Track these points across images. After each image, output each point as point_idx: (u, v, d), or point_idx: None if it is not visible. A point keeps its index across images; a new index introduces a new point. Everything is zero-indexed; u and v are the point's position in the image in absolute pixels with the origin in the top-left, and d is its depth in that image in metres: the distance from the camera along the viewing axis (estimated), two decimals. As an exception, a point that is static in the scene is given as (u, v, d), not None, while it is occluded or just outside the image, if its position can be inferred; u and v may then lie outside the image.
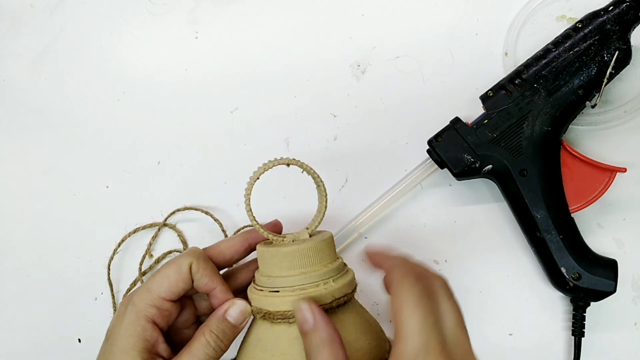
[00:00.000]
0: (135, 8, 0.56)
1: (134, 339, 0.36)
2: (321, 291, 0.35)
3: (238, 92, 0.53)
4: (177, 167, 0.53)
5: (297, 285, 0.36)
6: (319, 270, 0.36)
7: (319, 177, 0.40)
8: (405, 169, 0.49)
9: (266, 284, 0.37)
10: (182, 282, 0.38)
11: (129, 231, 0.52)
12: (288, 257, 0.37)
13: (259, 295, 0.37)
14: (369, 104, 0.51)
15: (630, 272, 0.46)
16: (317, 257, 0.37)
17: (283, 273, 0.36)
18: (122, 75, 0.55)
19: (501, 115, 0.44)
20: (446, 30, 0.51)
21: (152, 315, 0.37)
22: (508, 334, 0.46)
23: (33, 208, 0.55)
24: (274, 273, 0.37)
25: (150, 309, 0.37)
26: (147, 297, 0.37)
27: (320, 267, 0.37)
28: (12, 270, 0.55)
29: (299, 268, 0.36)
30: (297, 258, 0.36)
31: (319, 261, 0.37)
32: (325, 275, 0.36)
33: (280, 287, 0.36)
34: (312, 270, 0.36)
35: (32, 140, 0.56)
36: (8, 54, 0.58)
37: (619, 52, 0.43)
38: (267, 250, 0.37)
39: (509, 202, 0.45)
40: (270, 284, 0.37)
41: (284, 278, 0.36)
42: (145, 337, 0.36)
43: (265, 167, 0.38)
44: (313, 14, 0.53)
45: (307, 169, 0.40)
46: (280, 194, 0.51)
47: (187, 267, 0.38)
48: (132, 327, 0.36)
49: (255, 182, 0.38)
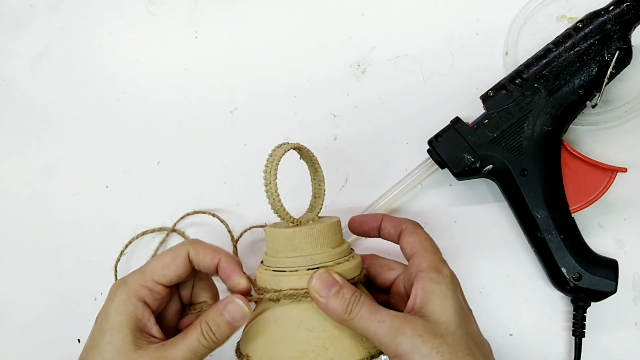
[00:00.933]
0: (135, 8, 0.56)
1: (126, 317, 0.36)
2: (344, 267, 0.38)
3: (238, 92, 0.53)
4: (177, 167, 0.53)
5: (318, 263, 0.37)
6: (337, 249, 0.38)
7: (318, 161, 0.42)
8: (405, 169, 0.48)
9: (289, 263, 0.38)
10: (176, 268, 0.38)
11: (137, 233, 0.52)
12: (314, 235, 0.38)
13: (286, 278, 0.37)
14: (369, 104, 0.51)
15: (630, 272, 0.45)
16: (331, 238, 0.39)
17: (317, 250, 0.38)
18: (122, 75, 0.55)
19: (502, 115, 0.44)
20: (446, 30, 0.51)
21: (144, 296, 0.37)
22: (508, 334, 0.46)
23: (33, 208, 0.55)
24: (306, 252, 0.38)
25: (143, 290, 0.37)
26: (140, 279, 0.38)
27: (335, 247, 0.39)
28: (12, 270, 0.55)
29: (328, 246, 0.38)
30: (323, 236, 0.38)
31: (334, 242, 0.39)
32: (339, 254, 0.38)
33: (300, 265, 0.37)
34: (331, 248, 0.38)
35: (32, 140, 0.56)
36: (8, 54, 0.58)
37: (619, 51, 0.43)
38: (291, 232, 0.38)
39: (509, 202, 0.45)
40: (297, 263, 0.38)
41: (307, 257, 0.38)
42: (137, 315, 0.36)
43: (281, 150, 0.39)
44: (313, 13, 0.53)
45: (306, 154, 0.41)
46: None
47: (185, 254, 0.38)
48: (124, 306, 0.36)
49: (277, 165, 0.38)
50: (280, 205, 0.38)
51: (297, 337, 0.36)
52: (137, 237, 0.51)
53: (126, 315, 0.36)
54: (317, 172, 0.42)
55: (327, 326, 0.37)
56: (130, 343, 0.35)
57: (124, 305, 0.36)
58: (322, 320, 0.37)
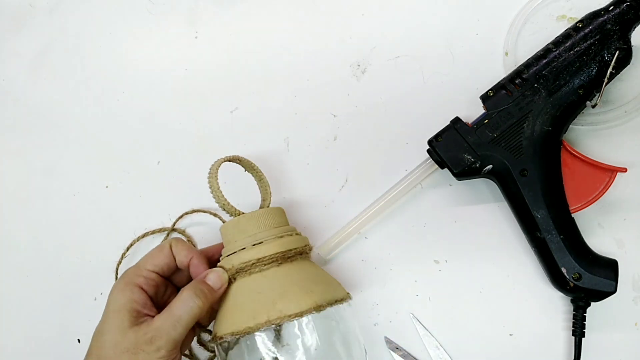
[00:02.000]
0: (135, 8, 0.56)
1: (124, 300, 0.40)
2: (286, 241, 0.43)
3: (238, 92, 0.53)
4: (176, 167, 0.53)
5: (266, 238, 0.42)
6: (279, 228, 0.43)
7: (260, 169, 0.47)
8: (405, 169, 0.48)
9: (238, 245, 0.42)
10: (164, 257, 0.43)
11: (137, 234, 0.52)
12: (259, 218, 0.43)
13: (236, 256, 0.42)
14: (369, 104, 0.51)
15: (630, 272, 0.45)
16: (272, 220, 0.44)
17: (260, 229, 0.43)
18: (121, 75, 0.55)
19: (501, 115, 0.44)
20: (446, 30, 0.51)
21: (140, 282, 0.42)
22: (508, 334, 0.46)
23: (33, 208, 0.55)
24: (250, 232, 0.43)
25: (138, 277, 0.42)
26: (135, 270, 0.43)
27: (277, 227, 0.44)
28: (12, 270, 0.55)
29: (270, 226, 0.43)
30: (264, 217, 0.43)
31: (276, 223, 0.44)
32: (282, 232, 0.43)
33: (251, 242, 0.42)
34: (274, 228, 0.43)
35: (32, 140, 0.56)
36: (8, 54, 0.58)
37: (619, 51, 0.43)
38: (236, 219, 0.44)
39: (509, 202, 0.45)
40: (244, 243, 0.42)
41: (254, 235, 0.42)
42: (134, 298, 0.40)
43: (220, 160, 0.45)
44: (313, 13, 0.53)
45: (247, 164, 0.47)
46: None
47: (168, 247, 0.44)
48: (121, 293, 0.41)
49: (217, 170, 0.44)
50: (224, 199, 0.43)
51: (249, 301, 0.40)
52: (137, 240, 0.51)
53: (124, 299, 0.40)
54: (261, 179, 0.47)
55: (275, 286, 0.40)
56: (127, 322, 0.39)
57: (122, 292, 0.41)
58: (270, 282, 0.41)
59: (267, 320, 0.38)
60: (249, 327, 0.39)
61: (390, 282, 0.48)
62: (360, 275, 0.49)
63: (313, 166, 0.51)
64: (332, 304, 0.41)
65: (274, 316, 0.38)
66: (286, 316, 0.38)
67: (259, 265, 0.41)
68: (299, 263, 0.43)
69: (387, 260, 0.49)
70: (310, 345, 0.40)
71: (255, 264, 0.41)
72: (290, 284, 0.41)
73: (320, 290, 0.41)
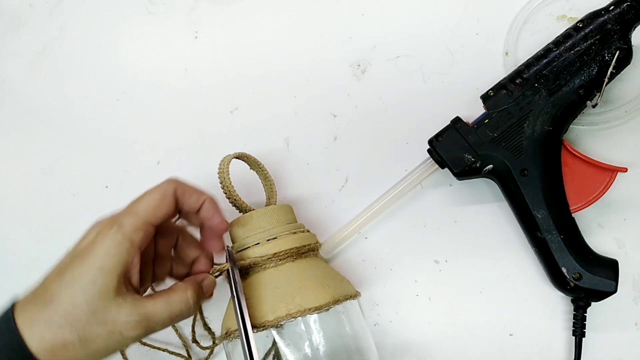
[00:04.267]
0: (135, 8, 0.56)
1: (117, 260, 0.34)
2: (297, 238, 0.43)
3: (238, 92, 0.53)
4: (176, 167, 0.53)
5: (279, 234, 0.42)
6: (290, 225, 0.44)
7: (265, 167, 0.47)
8: (405, 169, 0.48)
9: (251, 240, 0.42)
10: (167, 206, 0.37)
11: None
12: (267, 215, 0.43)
13: (250, 250, 0.42)
14: (369, 104, 0.51)
15: (631, 272, 0.45)
16: (284, 216, 0.44)
17: (273, 225, 0.43)
18: (121, 75, 0.55)
19: (502, 115, 0.44)
20: (446, 30, 0.51)
21: (139, 240, 0.35)
22: (508, 334, 0.46)
23: (33, 208, 0.55)
24: (264, 228, 0.42)
25: (138, 233, 0.35)
26: (135, 220, 0.36)
27: (288, 223, 0.44)
28: (13, 270, 0.55)
29: (282, 222, 0.43)
30: (277, 213, 0.43)
31: (287, 220, 0.44)
32: (294, 228, 0.43)
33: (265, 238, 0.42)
34: (286, 224, 0.43)
35: (32, 140, 0.56)
36: (8, 54, 0.58)
37: (619, 51, 0.43)
38: (248, 215, 0.43)
39: (509, 202, 0.45)
40: (257, 238, 0.42)
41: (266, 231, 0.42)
42: (128, 260, 0.35)
43: (229, 156, 0.44)
44: (313, 13, 0.53)
45: (253, 162, 0.47)
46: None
47: (172, 192, 0.37)
48: (116, 248, 0.34)
49: (228, 165, 0.44)
50: (236, 194, 0.43)
51: (267, 295, 0.40)
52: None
53: (118, 259, 0.34)
54: (267, 177, 0.47)
55: (292, 281, 0.40)
56: (113, 288, 0.34)
57: (117, 248, 0.34)
58: (287, 277, 0.41)
59: (287, 314, 0.39)
60: (268, 321, 0.39)
61: (390, 282, 0.48)
62: (360, 275, 0.49)
63: (313, 166, 0.51)
64: (348, 298, 0.42)
65: (294, 310, 0.39)
66: (306, 309, 0.39)
67: (274, 260, 0.41)
68: (312, 259, 0.43)
69: (387, 260, 0.49)
70: (320, 341, 0.41)
71: (271, 259, 0.41)
72: (306, 278, 0.41)
73: (335, 286, 0.41)
